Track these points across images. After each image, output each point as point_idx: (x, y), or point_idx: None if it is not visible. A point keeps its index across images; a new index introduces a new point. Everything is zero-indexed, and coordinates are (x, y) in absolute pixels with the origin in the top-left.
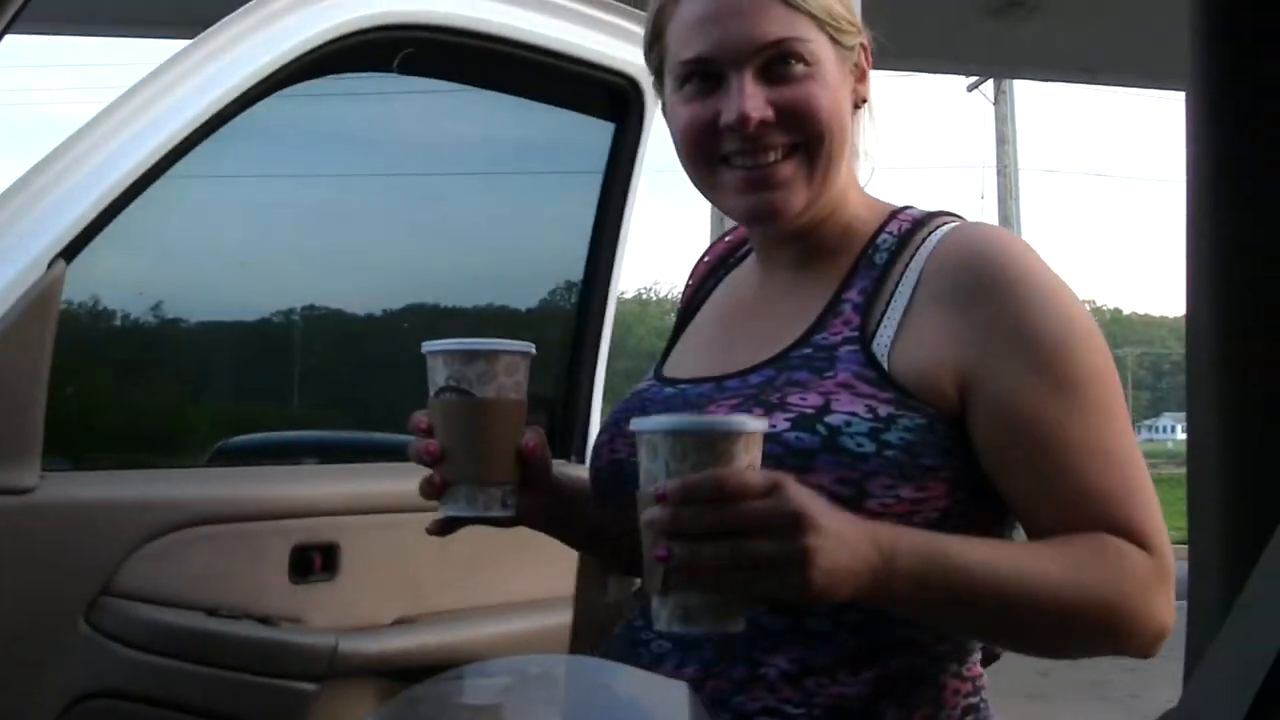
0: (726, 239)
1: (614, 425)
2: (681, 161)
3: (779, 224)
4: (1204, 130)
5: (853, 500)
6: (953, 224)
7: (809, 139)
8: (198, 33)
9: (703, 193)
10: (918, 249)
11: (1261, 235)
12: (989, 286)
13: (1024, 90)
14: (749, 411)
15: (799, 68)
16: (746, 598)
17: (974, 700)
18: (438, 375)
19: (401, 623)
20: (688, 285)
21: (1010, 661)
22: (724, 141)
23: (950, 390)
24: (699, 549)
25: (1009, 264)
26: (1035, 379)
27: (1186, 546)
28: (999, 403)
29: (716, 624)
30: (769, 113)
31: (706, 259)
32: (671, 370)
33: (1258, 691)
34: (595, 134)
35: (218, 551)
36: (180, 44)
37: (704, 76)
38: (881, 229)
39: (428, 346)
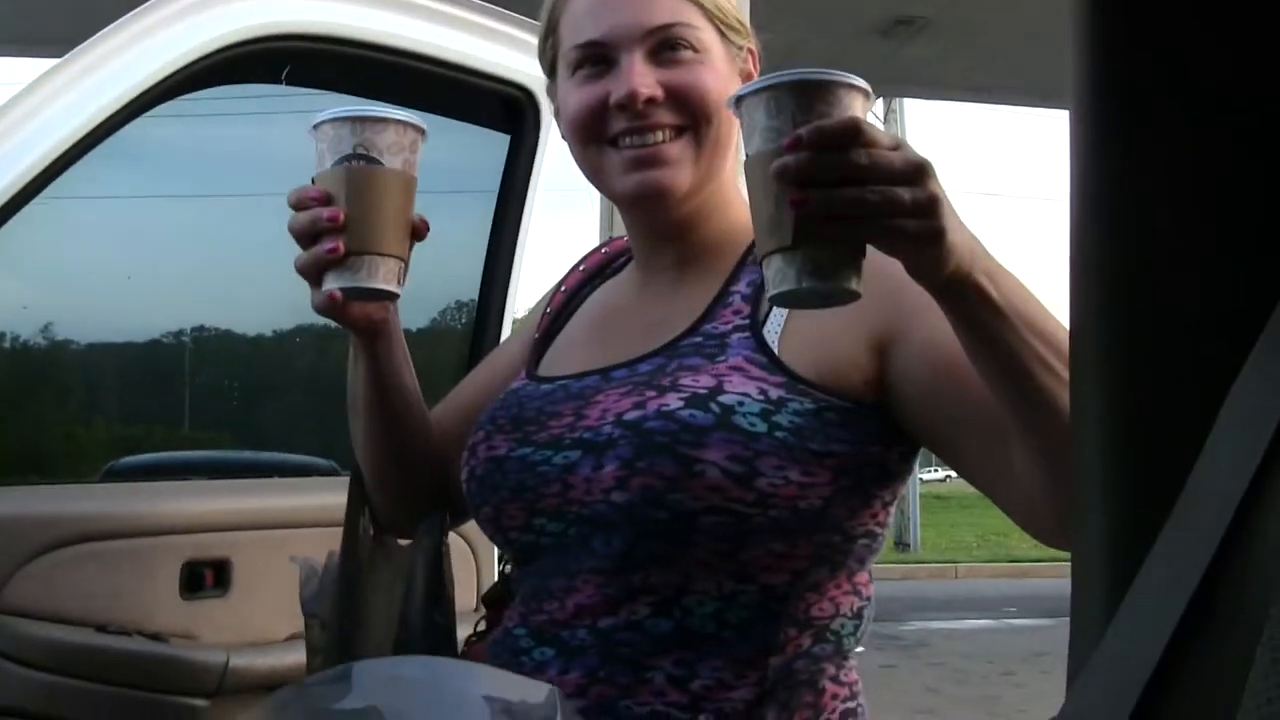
0: (603, 250)
1: (490, 423)
2: (571, 148)
3: (666, 203)
4: (1084, 145)
5: (744, 478)
6: None
7: (696, 120)
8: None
9: (590, 178)
10: None
11: (1135, 247)
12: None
13: (914, 109)
14: (640, 395)
15: (687, 53)
16: (861, 258)
17: (852, 705)
18: (342, 143)
19: (295, 638)
20: (560, 290)
21: (900, 677)
22: (613, 122)
23: (865, 362)
24: (839, 193)
25: None
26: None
27: (1070, 562)
28: (930, 342)
29: (845, 279)
30: (658, 91)
31: (582, 268)
32: (547, 370)
33: (1138, 699)
34: (489, 146)
35: (107, 568)
36: (52, 61)
37: (595, 61)
38: None
39: (330, 114)
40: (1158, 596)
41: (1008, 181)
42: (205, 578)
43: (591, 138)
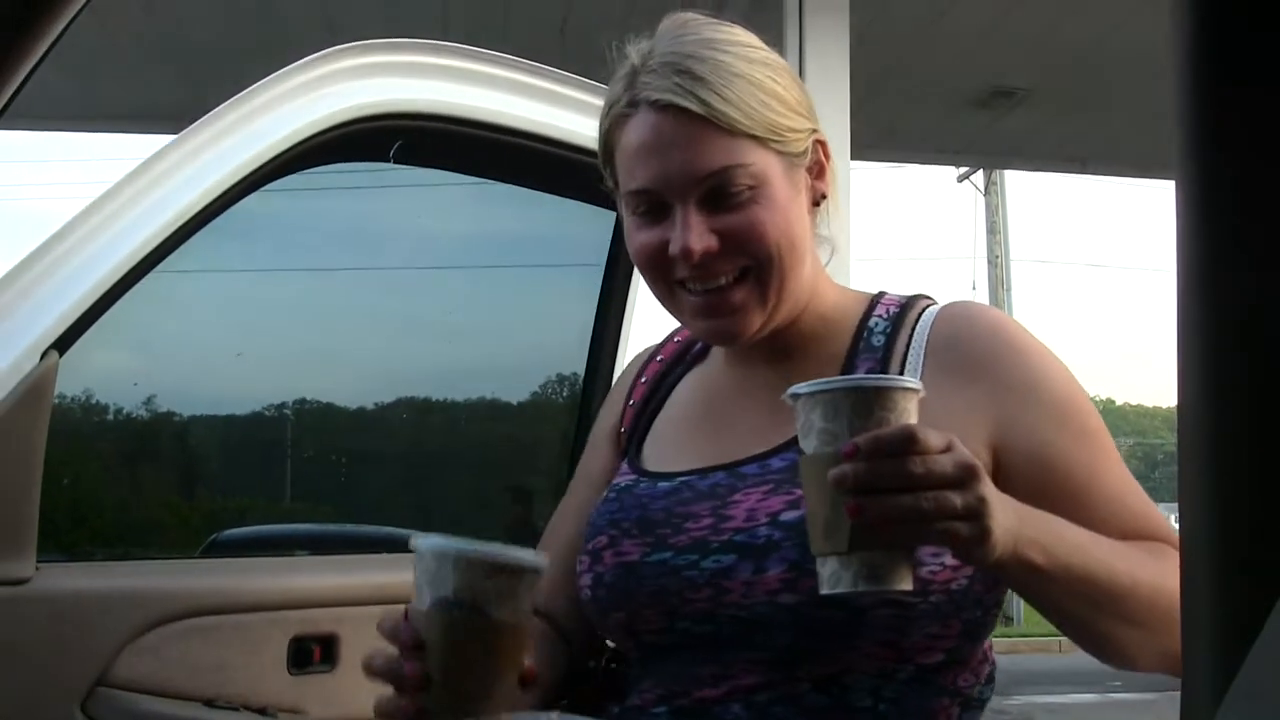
0: (676, 339)
1: (612, 527)
2: (642, 275)
3: (739, 344)
4: (1192, 218)
5: None
6: (937, 304)
7: (758, 262)
8: (187, 126)
9: (664, 305)
10: (913, 329)
11: (1250, 323)
12: (1001, 355)
13: (1015, 181)
14: (789, 494)
15: (743, 193)
16: (913, 556)
17: None
18: (442, 584)
19: None
20: (640, 382)
21: None
22: (675, 268)
23: (986, 458)
24: (895, 502)
25: (1011, 333)
26: (1059, 432)
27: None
28: (1034, 458)
29: (899, 581)
30: (713, 242)
31: (659, 358)
32: (655, 465)
33: None
34: (596, 223)
35: (215, 643)
36: (171, 137)
37: (651, 204)
38: (869, 313)
39: (428, 543)
40: (1268, 678)
41: (1114, 252)
42: (313, 653)
43: (658, 278)
